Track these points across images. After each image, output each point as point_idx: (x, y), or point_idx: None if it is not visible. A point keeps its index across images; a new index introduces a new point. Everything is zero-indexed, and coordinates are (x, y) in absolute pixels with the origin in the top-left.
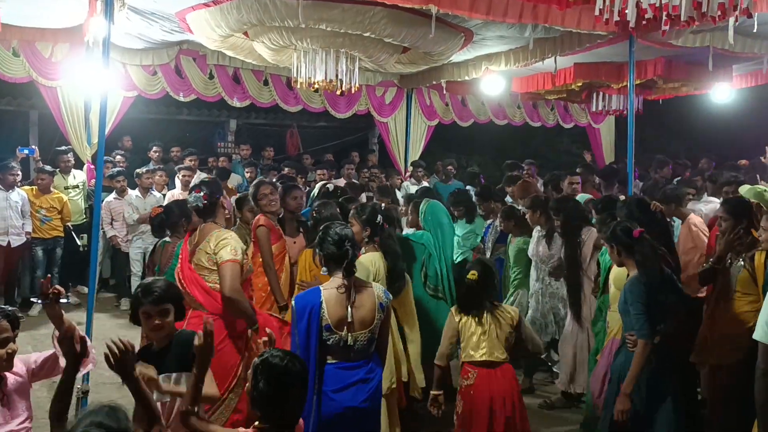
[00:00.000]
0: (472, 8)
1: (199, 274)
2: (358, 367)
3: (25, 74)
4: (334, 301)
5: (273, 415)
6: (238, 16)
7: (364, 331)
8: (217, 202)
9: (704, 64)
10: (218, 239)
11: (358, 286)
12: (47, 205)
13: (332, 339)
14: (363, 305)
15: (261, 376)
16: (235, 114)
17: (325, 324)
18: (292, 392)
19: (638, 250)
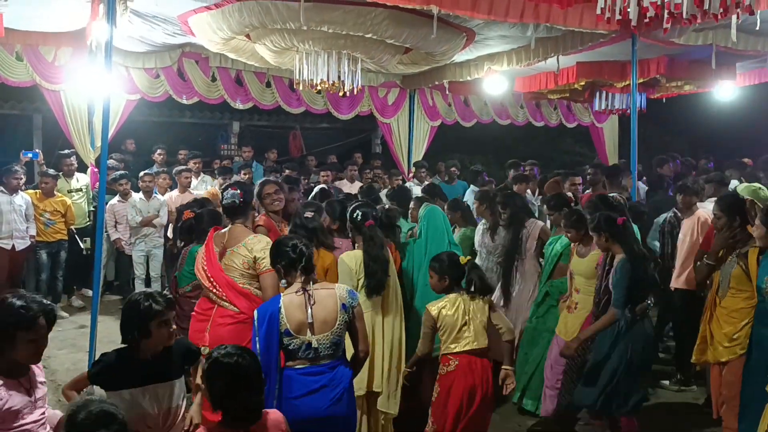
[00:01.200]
0: (473, 8)
1: (229, 275)
2: (322, 373)
3: (28, 78)
4: (293, 306)
5: (234, 410)
6: (240, 18)
7: (326, 333)
8: (250, 203)
9: (707, 62)
10: (258, 245)
11: (318, 288)
12: (51, 209)
13: (293, 344)
14: (324, 306)
15: (214, 375)
16: (238, 116)
17: (284, 329)
18: (247, 384)
19: (623, 236)
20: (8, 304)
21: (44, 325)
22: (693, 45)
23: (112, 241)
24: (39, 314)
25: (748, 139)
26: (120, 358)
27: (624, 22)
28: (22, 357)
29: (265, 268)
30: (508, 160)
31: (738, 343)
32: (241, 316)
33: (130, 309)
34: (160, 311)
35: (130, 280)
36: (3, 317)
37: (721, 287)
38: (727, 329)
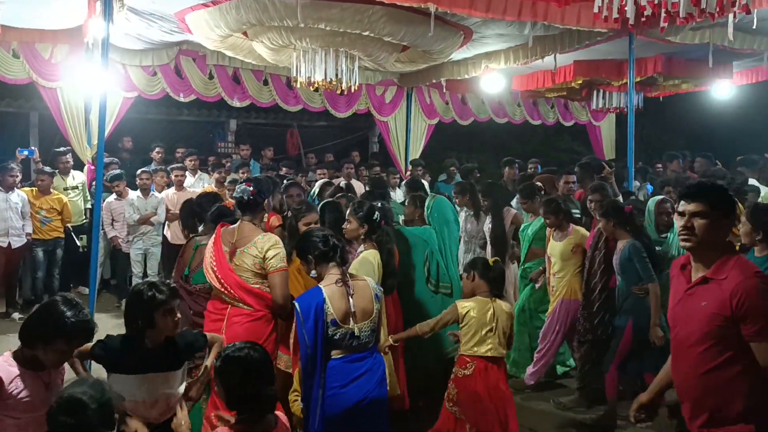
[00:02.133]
0: (471, 6)
1: (240, 275)
2: (364, 359)
3: (25, 75)
4: (336, 296)
5: (248, 407)
6: (237, 16)
7: (366, 322)
8: (261, 202)
9: (704, 61)
10: (267, 245)
11: (353, 280)
12: (47, 207)
13: (339, 333)
14: (362, 296)
15: (227, 370)
16: (235, 114)
17: (331, 319)
18: (258, 376)
19: (632, 222)
20: (59, 311)
21: (81, 342)
22: (690, 43)
23: (109, 238)
24: (82, 332)
25: (745, 137)
26: (124, 344)
27: (621, 21)
28: (46, 360)
29: (273, 268)
30: (504, 158)
31: None
32: (257, 314)
33: (134, 298)
34: (164, 300)
35: (126, 278)
36: (48, 320)
37: None
38: None
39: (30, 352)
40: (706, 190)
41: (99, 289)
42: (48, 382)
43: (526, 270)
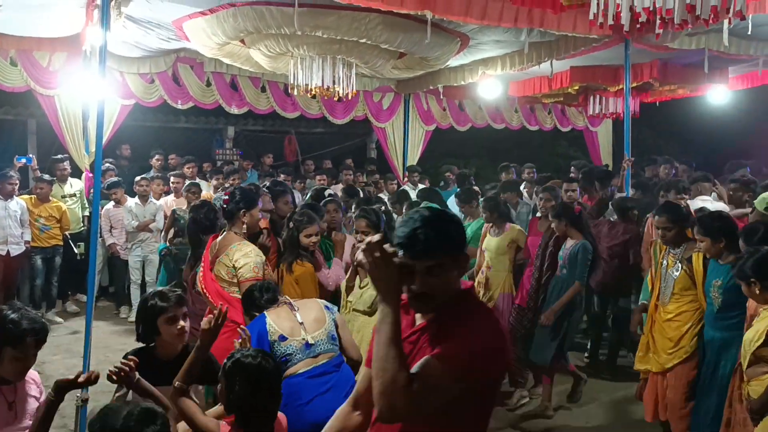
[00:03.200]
0: (467, 13)
1: (220, 284)
2: (328, 373)
3: (23, 83)
4: (280, 317)
5: (251, 415)
6: (235, 24)
7: (320, 330)
8: (237, 211)
9: (700, 66)
10: (238, 254)
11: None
12: (46, 214)
13: (292, 346)
14: (309, 308)
15: (236, 377)
16: (233, 121)
17: (279, 335)
18: (269, 388)
19: (581, 223)
20: (2, 316)
21: (32, 344)
22: (686, 49)
23: (108, 246)
24: (28, 333)
25: (741, 142)
26: (141, 356)
27: (617, 27)
28: (5, 373)
29: (242, 278)
30: (500, 164)
31: (682, 347)
32: (232, 325)
33: (141, 308)
34: (165, 308)
35: (125, 285)
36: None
37: (663, 294)
38: (671, 334)
39: None
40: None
41: (97, 297)
42: (12, 401)
43: None
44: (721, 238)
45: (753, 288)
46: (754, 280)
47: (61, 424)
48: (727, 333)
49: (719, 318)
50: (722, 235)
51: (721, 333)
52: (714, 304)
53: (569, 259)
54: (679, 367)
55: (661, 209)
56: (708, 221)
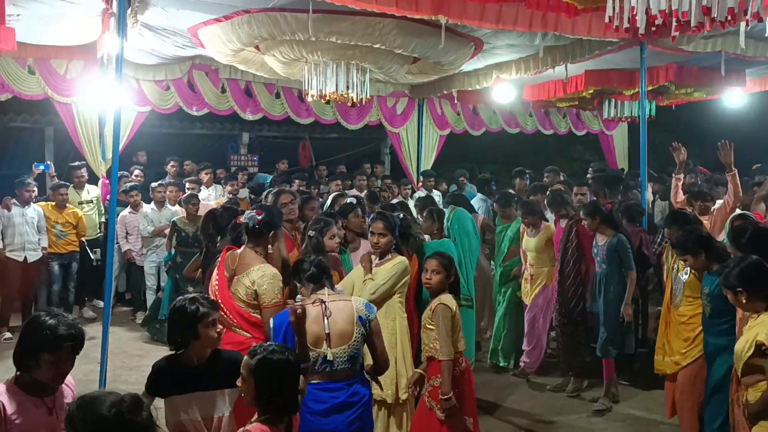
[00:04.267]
0: (481, 18)
1: (238, 304)
2: (339, 389)
3: (40, 91)
4: (310, 317)
5: (275, 408)
6: (249, 30)
7: (343, 347)
8: (266, 233)
9: (716, 69)
10: (260, 278)
11: (335, 299)
12: (63, 221)
13: (311, 357)
14: (340, 318)
15: (264, 372)
16: (248, 127)
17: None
18: (294, 382)
19: (613, 219)
20: (39, 322)
21: (69, 350)
22: (702, 52)
23: (123, 252)
24: (65, 338)
25: (758, 145)
26: (169, 363)
27: (632, 30)
28: (43, 378)
29: (265, 303)
30: (515, 169)
31: (696, 346)
32: (249, 342)
33: (176, 314)
34: (207, 312)
35: (141, 291)
36: (30, 335)
37: (675, 297)
38: (686, 335)
39: (29, 376)
40: None
41: (114, 303)
42: (51, 407)
43: (507, 268)
44: (700, 251)
45: (739, 297)
46: (740, 289)
47: None
48: (718, 338)
49: (711, 324)
50: (700, 249)
51: (713, 338)
52: (705, 311)
53: (607, 255)
54: (690, 366)
55: (669, 217)
56: (681, 239)
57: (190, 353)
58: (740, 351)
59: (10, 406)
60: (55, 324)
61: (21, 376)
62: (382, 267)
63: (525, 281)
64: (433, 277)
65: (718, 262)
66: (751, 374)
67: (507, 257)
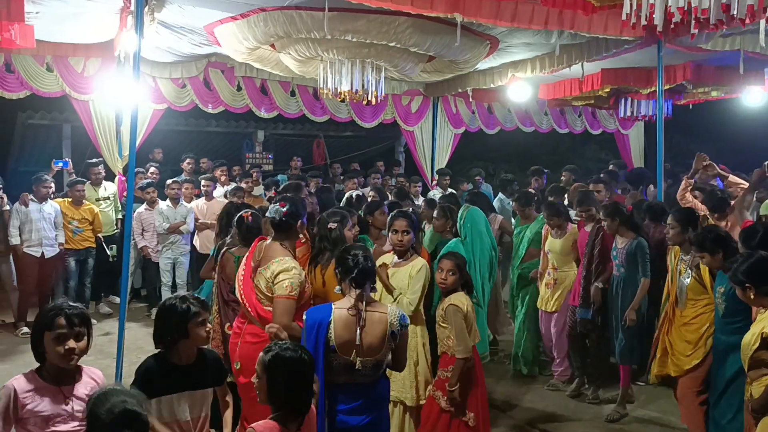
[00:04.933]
0: (497, 16)
1: (257, 296)
2: (362, 391)
3: (58, 89)
4: (342, 323)
5: (288, 405)
6: (265, 28)
7: (371, 359)
8: (294, 224)
9: (735, 68)
10: (279, 270)
11: (371, 310)
12: (79, 217)
13: (336, 361)
14: (372, 331)
15: (278, 370)
16: (263, 125)
17: (330, 345)
18: (307, 380)
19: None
20: (42, 308)
21: (64, 324)
22: (720, 50)
23: (139, 248)
24: (59, 313)
25: None
26: (158, 362)
27: (650, 29)
28: (52, 357)
29: (276, 294)
30: (531, 168)
31: (700, 348)
32: (265, 335)
33: (166, 312)
34: (198, 312)
35: (156, 287)
36: (36, 320)
37: (680, 299)
38: (690, 337)
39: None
40: None
41: (129, 299)
42: (68, 396)
43: (525, 270)
44: (718, 250)
45: (748, 293)
46: (748, 285)
47: None
48: (732, 337)
49: (725, 323)
50: (718, 247)
51: (726, 337)
52: (719, 309)
53: (626, 258)
54: (696, 368)
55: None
56: (700, 237)
57: (178, 352)
58: (746, 344)
59: (24, 391)
60: (52, 306)
61: (42, 366)
62: (403, 269)
63: (546, 286)
64: (449, 278)
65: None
66: (756, 368)
67: (525, 259)
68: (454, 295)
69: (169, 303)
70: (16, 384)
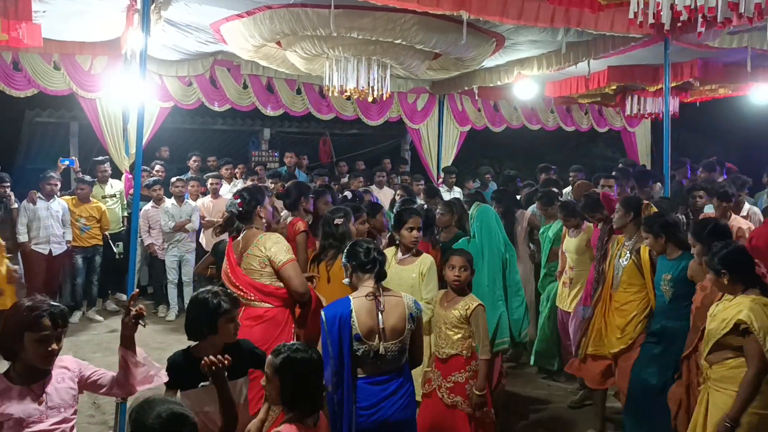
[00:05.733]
0: (503, 13)
1: (252, 277)
2: (388, 381)
3: (65, 87)
4: (363, 310)
5: (303, 405)
6: (271, 26)
7: (395, 341)
8: (253, 210)
9: (742, 65)
10: (269, 242)
11: (387, 295)
12: (86, 215)
13: (362, 349)
14: (393, 314)
15: (289, 372)
16: (269, 123)
17: (355, 333)
18: (317, 380)
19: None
20: (18, 306)
21: (49, 325)
22: (727, 48)
23: (146, 246)
24: (44, 314)
25: None
26: (186, 357)
27: (657, 26)
28: (32, 359)
29: (280, 262)
30: (539, 165)
31: (627, 334)
32: (268, 314)
33: (198, 306)
34: (228, 309)
35: (163, 285)
36: (13, 318)
37: (614, 282)
38: (618, 322)
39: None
40: None
41: None
42: (40, 395)
43: (551, 269)
44: (661, 235)
45: (722, 279)
46: (724, 271)
47: (102, 421)
48: (679, 322)
49: (671, 309)
50: (662, 232)
51: (673, 323)
52: (665, 296)
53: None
54: (623, 354)
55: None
56: (650, 220)
57: (206, 347)
58: (714, 330)
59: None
60: (32, 304)
61: (10, 367)
62: (409, 266)
63: (563, 285)
64: (462, 274)
65: (679, 249)
66: (718, 351)
67: (549, 258)
68: (472, 296)
69: (201, 296)
70: None
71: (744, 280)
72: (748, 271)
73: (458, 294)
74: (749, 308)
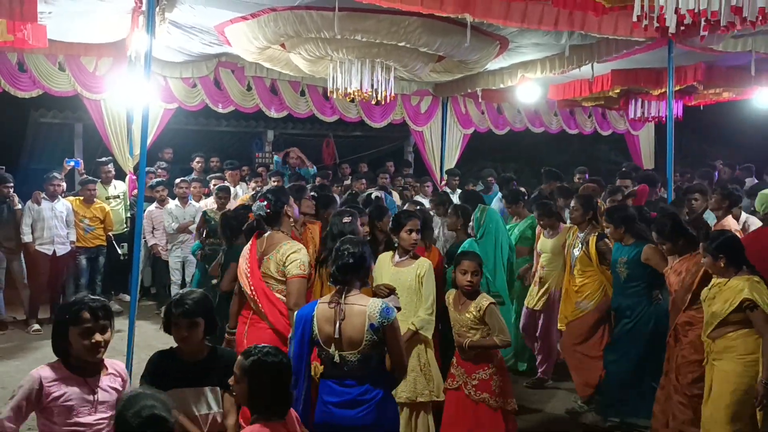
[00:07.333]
0: (506, 16)
1: (266, 282)
2: (350, 386)
3: (70, 88)
4: (323, 317)
5: (272, 406)
6: (275, 28)
7: (353, 352)
8: (281, 211)
9: (746, 69)
10: (289, 251)
11: (351, 302)
12: (90, 215)
13: (323, 354)
14: (351, 324)
15: (258, 375)
16: (273, 124)
17: (314, 338)
18: (287, 383)
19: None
20: (62, 304)
21: (89, 318)
22: (731, 51)
23: (149, 246)
24: (83, 308)
25: None
26: (162, 358)
27: (660, 30)
28: (79, 352)
29: (290, 274)
30: (543, 168)
31: (580, 308)
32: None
33: (165, 309)
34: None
35: (166, 285)
36: (58, 317)
37: (572, 268)
38: (575, 298)
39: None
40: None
41: (139, 297)
42: (94, 389)
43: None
44: (621, 226)
45: (719, 262)
46: (721, 255)
47: None
48: (631, 300)
49: (625, 287)
50: (622, 224)
51: (627, 300)
52: (621, 276)
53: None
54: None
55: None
56: (612, 212)
57: (180, 348)
58: (719, 310)
59: (50, 380)
60: (72, 301)
61: (65, 359)
62: (407, 268)
63: (534, 284)
64: (474, 279)
65: (634, 238)
66: (721, 327)
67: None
68: (483, 295)
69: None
70: (42, 373)
71: (737, 264)
72: (740, 256)
73: (469, 297)
74: (750, 287)
